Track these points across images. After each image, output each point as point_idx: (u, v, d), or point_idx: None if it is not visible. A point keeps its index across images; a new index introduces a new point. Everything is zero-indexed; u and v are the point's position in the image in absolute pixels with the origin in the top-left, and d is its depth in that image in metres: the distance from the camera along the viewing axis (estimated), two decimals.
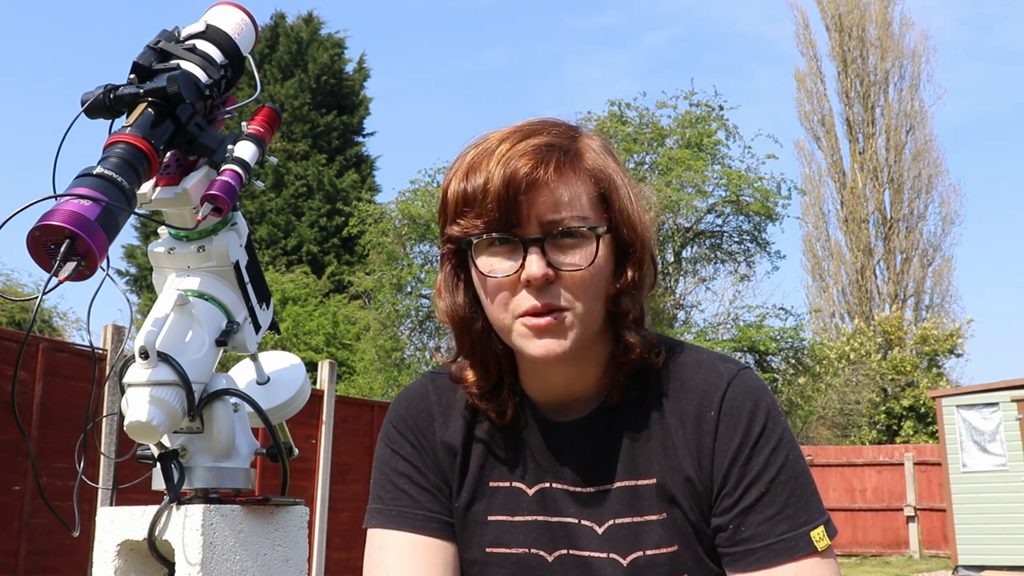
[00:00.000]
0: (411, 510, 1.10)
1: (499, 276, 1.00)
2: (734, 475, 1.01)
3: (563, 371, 1.06)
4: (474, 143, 1.05)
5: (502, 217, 0.98)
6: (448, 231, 1.04)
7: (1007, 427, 11.49)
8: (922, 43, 26.91)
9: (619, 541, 1.04)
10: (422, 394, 1.17)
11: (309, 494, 7.74)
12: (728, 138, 14.84)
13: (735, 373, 1.06)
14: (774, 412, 1.04)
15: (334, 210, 21.89)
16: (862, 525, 14.88)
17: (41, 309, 13.32)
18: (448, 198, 1.03)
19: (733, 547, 1.00)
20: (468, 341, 1.08)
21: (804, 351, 15.27)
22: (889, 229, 26.19)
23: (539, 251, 0.98)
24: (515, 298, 1.00)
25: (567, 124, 1.07)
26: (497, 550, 1.08)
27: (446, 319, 1.09)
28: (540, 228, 0.99)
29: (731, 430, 1.02)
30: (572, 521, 1.07)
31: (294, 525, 1.50)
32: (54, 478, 5.49)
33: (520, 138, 1.02)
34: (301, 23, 24.21)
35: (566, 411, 1.10)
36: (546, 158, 0.99)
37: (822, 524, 1.00)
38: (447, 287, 1.08)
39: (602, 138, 1.09)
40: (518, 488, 1.10)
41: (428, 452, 1.13)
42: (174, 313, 1.41)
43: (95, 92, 1.37)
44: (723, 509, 1.02)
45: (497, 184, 0.98)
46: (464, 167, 1.02)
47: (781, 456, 1.01)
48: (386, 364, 14.92)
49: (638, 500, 1.05)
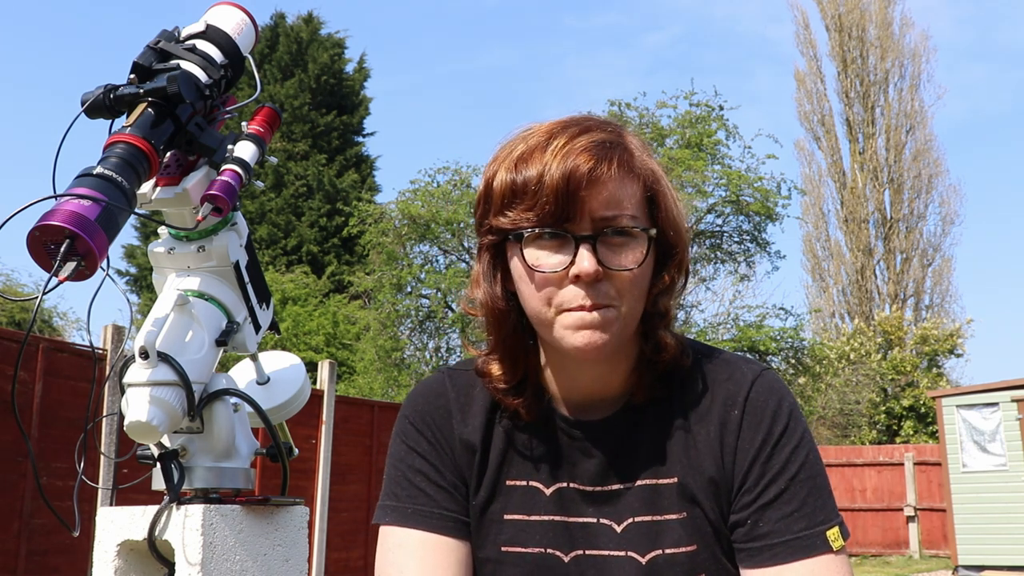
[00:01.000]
0: (427, 508, 1.09)
1: (547, 271, 0.98)
2: (755, 472, 1.02)
3: (595, 368, 1.06)
4: (520, 135, 1.03)
5: (558, 211, 0.97)
6: (493, 222, 1.02)
7: (1007, 427, 11.49)
8: (922, 43, 26.94)
9: (638, 539, 1.04)
10: (440, 390, 1.14)
11: (309, 494, 7.74)
12: (728, 138, 14.82)
13: (758, 373, 1.07)
14: (796, 412, 1.05)
15: (334, 210, 21.89)
16: (862, 525, 14.87)
17: (41, 309, 13.31)
18: (494, 188, 1.01)
19: (750, 543, 1.01)
20: (502, 334, 1.07)
21: (804, 351, 15.25)
22: (889, 229, 26.19)
23: (591, 248, 0.97)
24: (561, 292, 0.98)
25: (613, 121, 1.06)
26: (513, 549, 1.08)
27: (481, 311, 1.08)
28: (592, 225, 0.98)
29: (754, 428, 1.03)
30: (590, 521, 1.07)
31: (294, 525, 1.50)
32: (54, 478, 5.49)
33: (576, 132, 1.00)
34: (301, 23, 24.21)
35: (589, 410, 1.09)
36: (607, 155, 0.98)
37: (837, 524, 1.02)
38: (486, 278, 1.06)
39: (641, 138, 1.08)
40: (535, 487, 1.09)
41: (445, 450, 1.11)
42: (174, 313, 1.41)
43: (95, 92, 1.37)
44: (742, 505, 1.02)
45: (556, 177, 0.96)
46: (514, 158, 1.00)
47: (801, 455, 1.03)
48: (386, 364, 14.91)
49: (658, 499, 1.05)
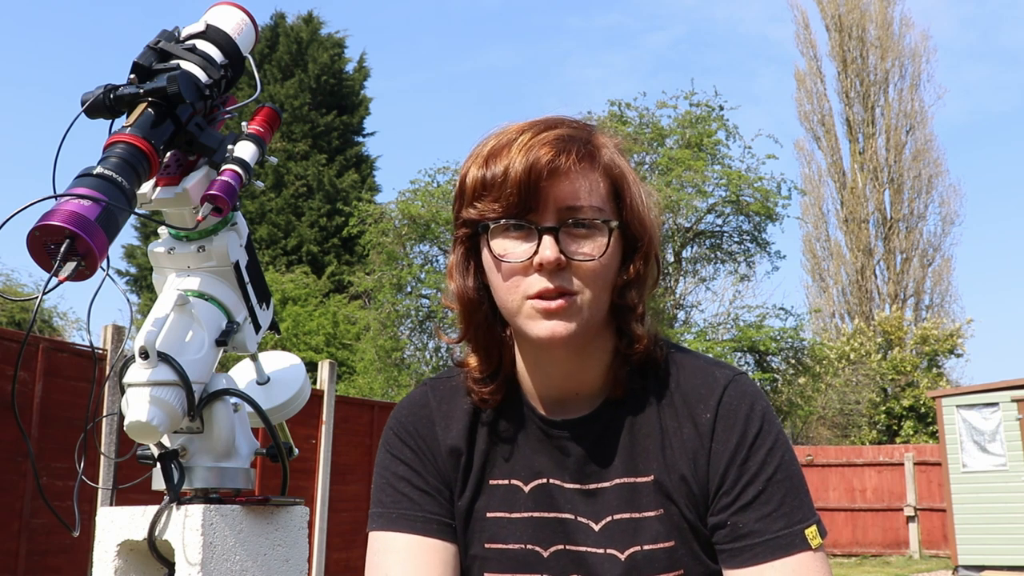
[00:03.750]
0: (411, 512, 1.12)
1: (512, 260, 1.02)
2: (732, 474, 1.04)
3: (565, 361, 1.08)
4: (494, 133, 1.08)
5: (521, 202, 1.01)
6: (464, 214, 1.07)
7: (1007, 427, 11.49)
8: (922, 43, 26.94)
9: (617, 536, 1.07)
10: (422, 401, 1.19)
11: (309, 494, 7.74)
12: (728, 138, 14.86)
13: (731, 378, 1.09)
14: (769, 415, 1.07)
15: (334, 210, 21.90)
16: (862, 525, 14.85)
17: (41, 309, 13.32)
18: (466, 183, 1.06)
19: (731, 543, 1.03)
20: (473, 324, 1.11)
21: (804, 351, 15.26)
22: (889, 229, 26.19)
23: (553, 238, 1.01)
24: (526, 280, 1.02)
25: (583, 121, 1.11)
26: (495, 546, 1.11)
27: (454, 302, 1.12)
28: (556, 216, 1.02)
29: (728, 432, 1.05)
30: (569, 517, 1.09)
31: (294, 525, 1.50)
32: (54, 478, 5.49)
33: (541, 129, 1.05)
34: (301, 23, 24.21)
35: (566, 408, 1.12)
36: (567, 148, 1.02)
37: (815, 523, 1.04)
38: (458, 270, 1.11)
39: (616, 138, 1.12)
40: (515, 485, 1.12)
41: (428, 456, 1.15)
42: (174, 313, 1.41)
43: (95, 92, 1.37)
44: (721, 507, 1.04)
45: (518, 170, 1.00)
46: (484, 154, 1.05)
47: (777, 456, 1.05)
48: (386, 364, 14.92)
49: (637, 496, 1.07)
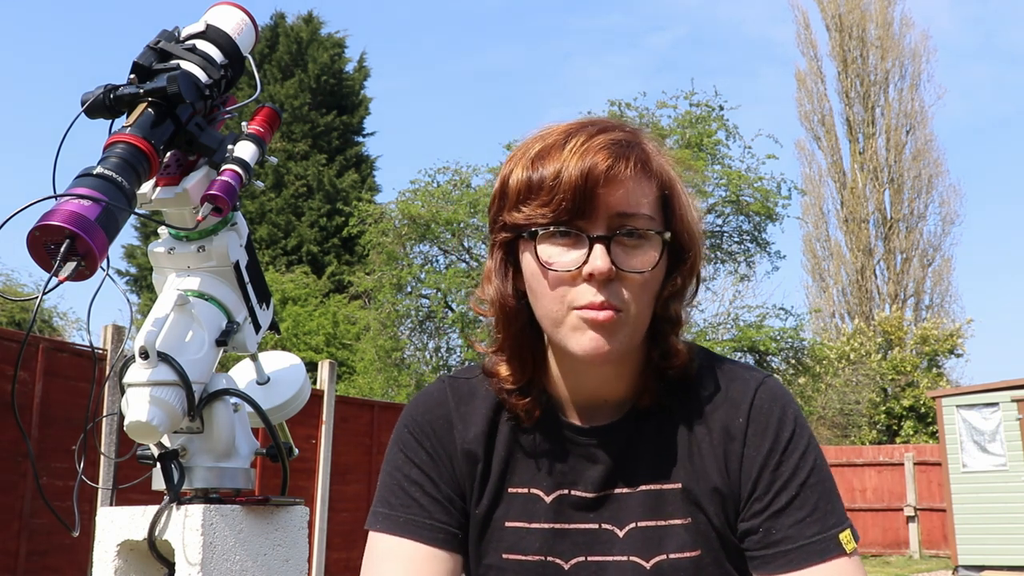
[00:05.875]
0: (419, 519, 1.08)
1: (560, 269, 0.98)
2: (764, 480, 1.02)
3: (601, 371, 1.05)
4: (537, 135, 1.03)
5: (574, 208, 0.96)
6: (507, 218, 1.01)
7: (1007, 427, 11.48)
8: (922, 43, 26.94)
9: (642, 544, 1.04)
10: (440, 399, 1.13)
11: (309, 494, 7.73)
12: (728, 138, 14.81)
13: (761, 381, 1.06)
14: (800, 419, 1.05)
15: (334, 210, 21.88)
16: (862, 525, 14.85)
17: (41, 309, 13.31)
18: (509, 186, 1.01)
19: (763, 550, 1.01)
20: (512, 332, 1.06)
21: (804, 351, 15.24)
22: (889, 229, 26.18)
23: (604, 247, 0.96)
24: (573, 290, 0.98)
25: (630, 124, 1.06)
26: (513, 557, 1.07)
27: (491, 309, 1.07)
28: (607, 224, 0.98)
29: (760, 436, 1.03)
30: (591, 527, 1.06)
31: (294, 525, 1.50)
32: (54, 478, 5.49)
33: (594, 132, 0.99)
34: (301, 23, 24.20)
35: (593, 414, 1.09)
36: (625, 154, 0.98)
37: (848, 528, 1.01)
38: (498, 275, 1.05)
39: (659, 141, 1.07)
40: (536, 495, 1.09)
41: (444, 461, 1.10)
42: (174, 313, 1.41)
43: (95, 92, 1.37)
44: (753, 513, 1.02)
45: (573, 174, 0.96)
46: (531, 156, 1.00)
47: (810, 461, 1.02)
48: (386, 364, 14.91)
49: (662, 504, 1.05)
